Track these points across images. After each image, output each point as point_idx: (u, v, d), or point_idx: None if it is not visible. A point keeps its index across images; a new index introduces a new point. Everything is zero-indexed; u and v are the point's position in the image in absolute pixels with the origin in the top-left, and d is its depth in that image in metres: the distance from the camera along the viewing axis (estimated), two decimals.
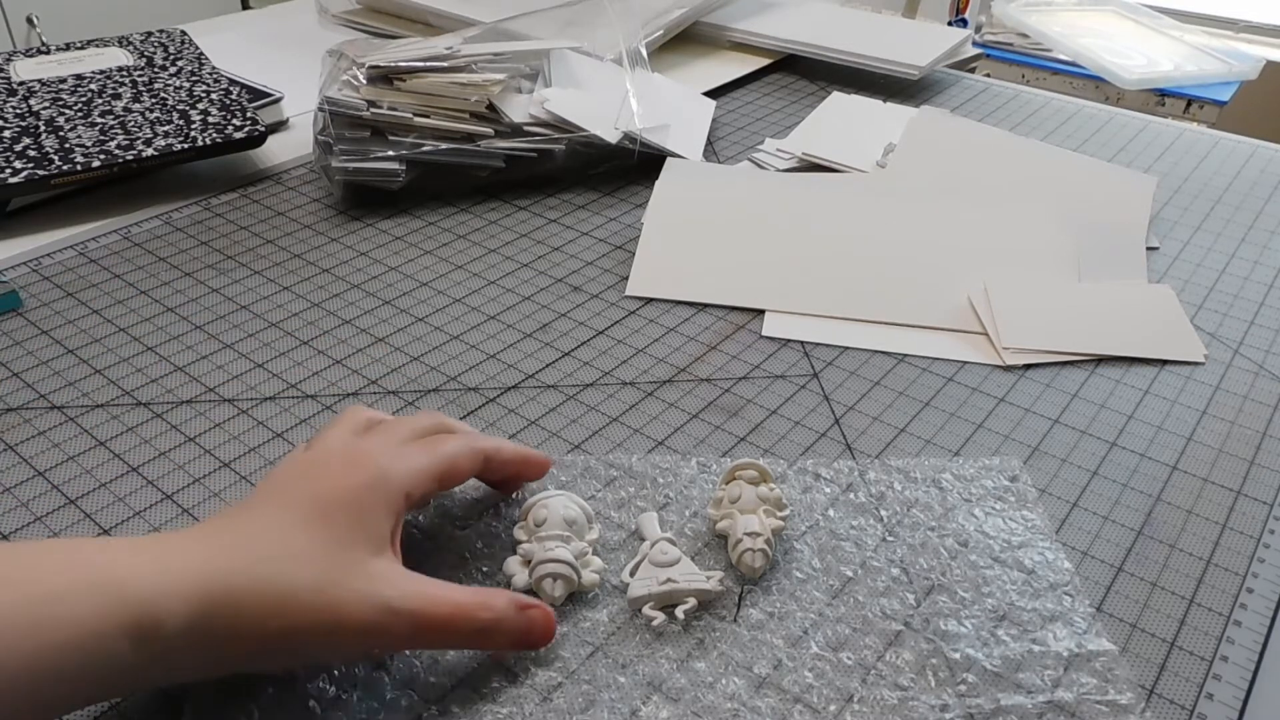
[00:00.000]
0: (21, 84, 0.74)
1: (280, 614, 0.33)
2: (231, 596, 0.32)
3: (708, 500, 0.46)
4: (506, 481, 0.45)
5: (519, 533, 0.42)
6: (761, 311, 0.61)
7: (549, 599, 0.39)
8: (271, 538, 0.34)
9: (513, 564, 0.41)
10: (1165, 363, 0.59)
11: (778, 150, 0.81)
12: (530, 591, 0.40)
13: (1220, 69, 1.65)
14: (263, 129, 0.72)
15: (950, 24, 1.86)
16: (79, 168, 0.65)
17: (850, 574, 0.43)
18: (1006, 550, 0.45)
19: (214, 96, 0.74)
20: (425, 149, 0.70)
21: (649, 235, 0.68)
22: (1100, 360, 0.59)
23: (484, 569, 0.42)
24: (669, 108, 0.80)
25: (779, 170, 0.79)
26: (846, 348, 0.59)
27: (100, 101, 0.73)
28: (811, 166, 0.79)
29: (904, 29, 1.06)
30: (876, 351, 0.58)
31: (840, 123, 0.86)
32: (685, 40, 1.02)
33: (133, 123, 0.70)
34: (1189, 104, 1.63)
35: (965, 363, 0.58)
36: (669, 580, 0.40)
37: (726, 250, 0.67)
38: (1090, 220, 0.71)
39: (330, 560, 0.34)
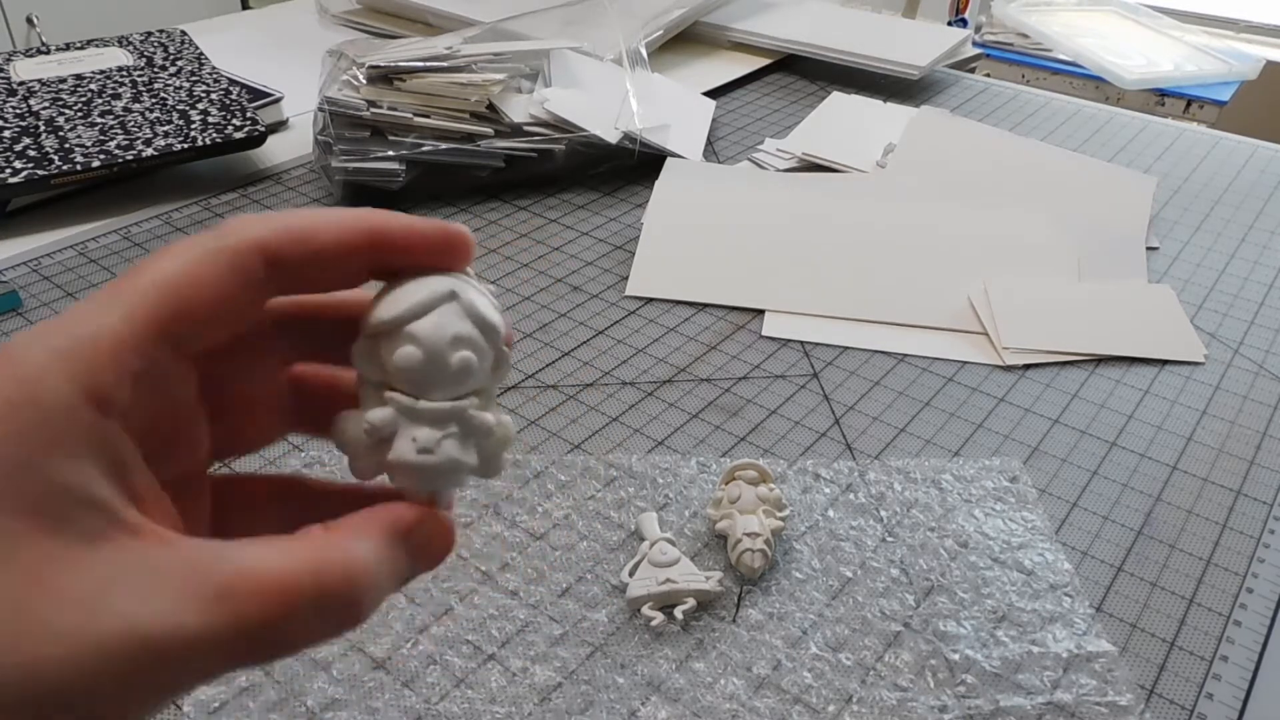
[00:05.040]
0: (21, 84, 0.74)
1: None
2: None
3: (707, 500, 0.46)
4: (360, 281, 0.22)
5: (362, 362, 0.22)
6: (761, 311, 0.61)
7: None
8: None
9: (351, 431, 0.21)
10: (1165, 363, 0.59)
11: (778, 150, 0.81)
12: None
13: (1220, 69, 1.65)
14: (263, 129, 0.72)
15: (950, 24, 1.85)
16: (79, 168, 0.65)
17: (850, 574, 0.43)
18: (1006, 551, 0.45)
19: (214, 96, 0.74)
20: (425, 149, 0.70)
21: (649, 235, 0.68)
22: (1100, 360, 0.59)
23: (483, 569, 0.42)
24: (669, 108, 0.80)
25: (779, 170, 0.79)
26: (846, 348, 0.59)
27: (100, 101, 0.73)
28: (811, 166, 0.79)
29: (904, 29, 1.06)
30: (876, 351, 0.58)
31: (840, 123, 0.86)
32: (685, 40, 1.02)
33: (133, 123, 0.70)
34: (1189, 104, 1.63)
35: (965, 363, 0.58)
36: (668, 580, 0.40)
37: (726, 250, 0.67)
38: (1090, 220, 0.71)
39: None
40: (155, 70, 0.78)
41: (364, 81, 0.70)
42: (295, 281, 0.21)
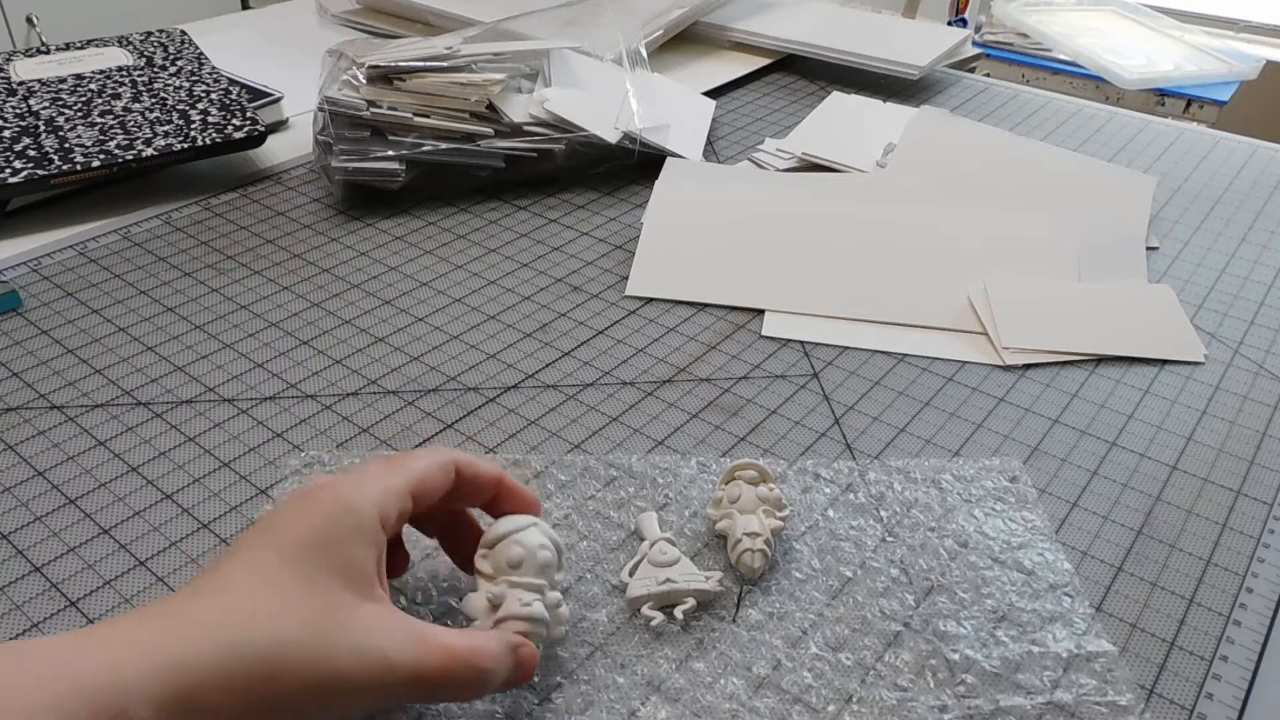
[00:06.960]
0: (21, 84, 0.74)
1: (268, 679, 0.29)
2: (197, 690, 0.28)
3: (707, 500, 0.46)
4: (480, 505, 0.39)
5: (482, 564, 0.37)
6: (761, 311, 0.61)
7: None
8: (244, 601, 0.30)
9: (476, 604, 0.36)
10: (1165, 363, 0.59)
11: (778, 150, 0.81)
12: None
13: (1220, 69, 1.65)
14: (263, 129, 0.72)
15: (950, 24, 1.85)
16: (79, 168, 0.65)
17: (850, 574, 0.43)
18: (1006, 551, 0.45)
19: (214, 96, 0.74)
20: (425, 149, 0.70)
21: (649, 235, 0.68)
22: (1100, 360, 0.59)
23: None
24: (669, 108, 0.80)
25: (779, 170, 0.79)
26: (846, 348, 0.59)
27: (100, 101, 0.73)
28: (811, 166, 0.79)
29: (904, 29, 1.06)
30: (876, 351, 0.58)
31: (840, 123, 0.86)
32: (685, 40, 1.02)
33: (133, 123, 0.70)
34: (1189, 104, 1.63)
35: (965, 363, 0.58)
36: (668, 580, 0.40)
37: (726, 250, 0.67)
38: (1090, 220, 0.71)
39: (317, 610, 0.31)
40: (155, 70, 0.78)
41: (364, 81, 0.70)
42: (469, 491, 0.38)
